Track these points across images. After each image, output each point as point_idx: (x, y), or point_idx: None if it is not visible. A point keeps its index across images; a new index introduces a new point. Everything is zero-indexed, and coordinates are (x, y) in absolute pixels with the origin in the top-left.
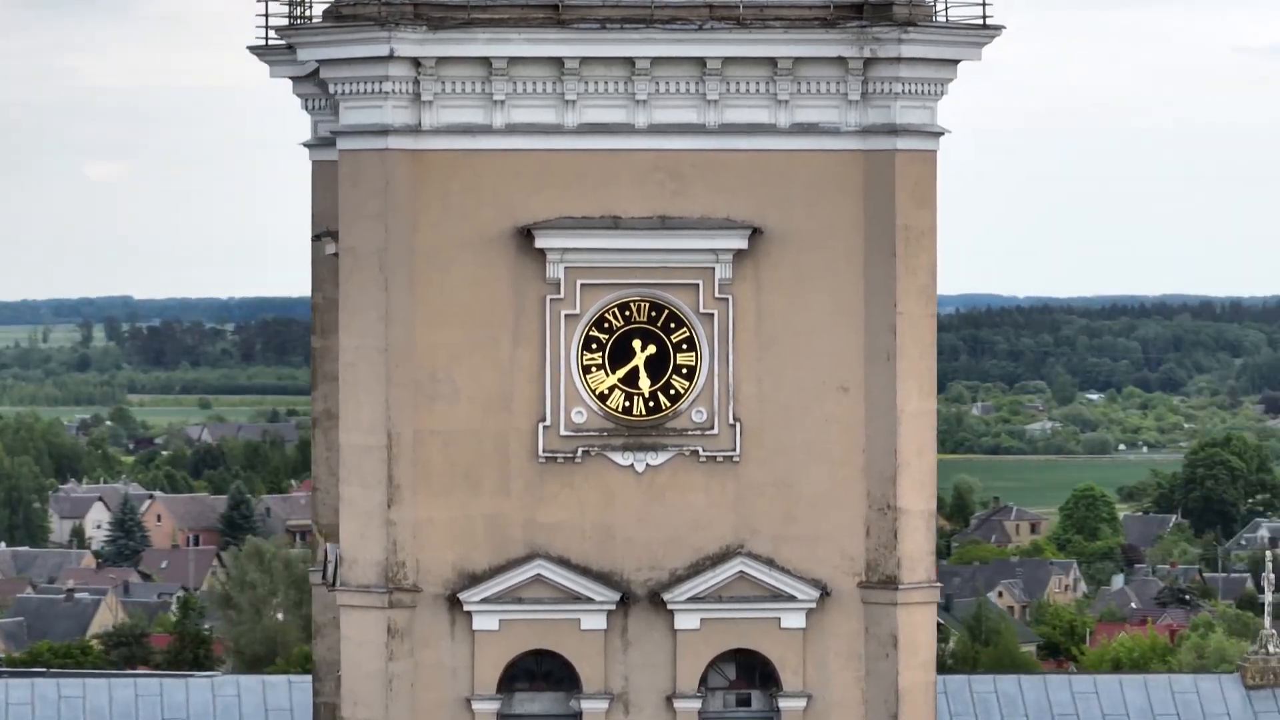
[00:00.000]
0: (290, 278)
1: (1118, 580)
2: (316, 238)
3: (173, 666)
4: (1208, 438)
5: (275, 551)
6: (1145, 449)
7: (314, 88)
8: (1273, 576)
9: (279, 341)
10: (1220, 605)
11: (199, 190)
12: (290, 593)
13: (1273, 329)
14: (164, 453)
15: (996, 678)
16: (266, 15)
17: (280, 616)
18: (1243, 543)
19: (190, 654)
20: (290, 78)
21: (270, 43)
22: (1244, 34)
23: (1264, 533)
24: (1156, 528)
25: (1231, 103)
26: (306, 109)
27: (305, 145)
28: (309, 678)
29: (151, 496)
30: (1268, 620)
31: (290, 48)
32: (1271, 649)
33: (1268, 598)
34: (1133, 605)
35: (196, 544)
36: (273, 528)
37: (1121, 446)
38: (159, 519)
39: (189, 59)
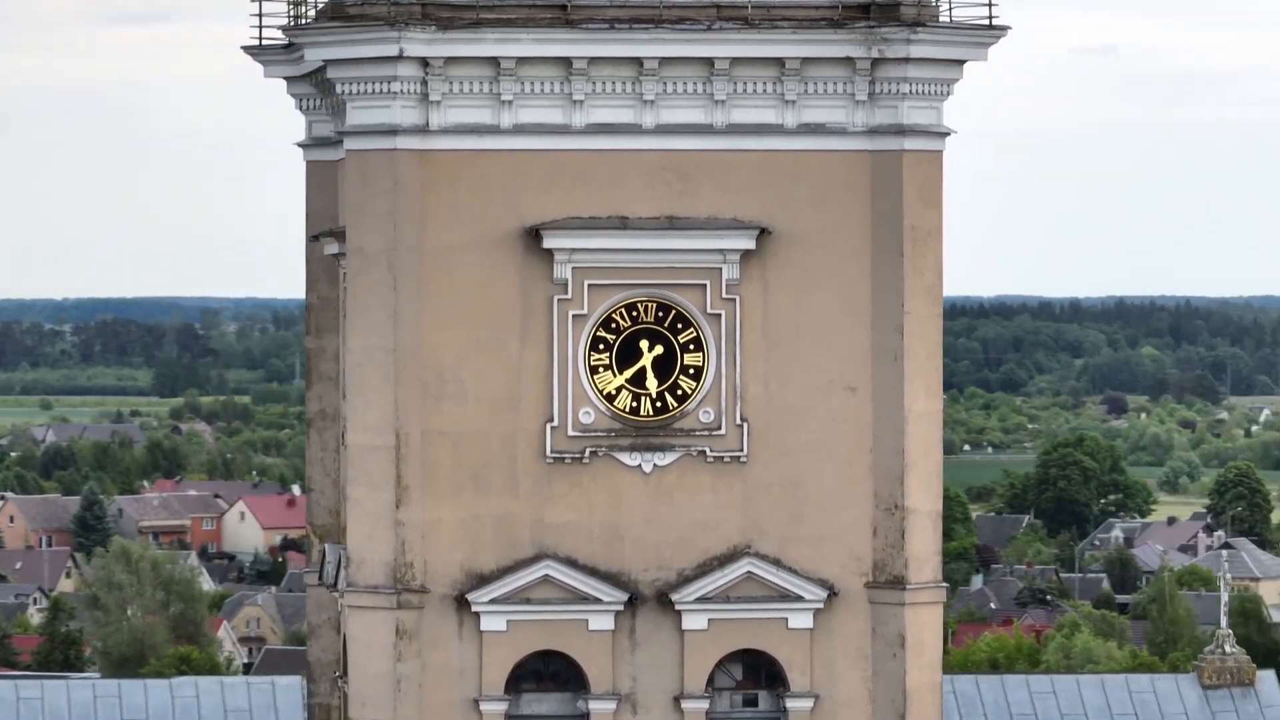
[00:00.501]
0: (124, 277)
1: (977, 580)
2: (314, 238)
3: (42, 667)
4: (1059, 438)
5: (143, 553)
6: (990, 449)
7: (310, 88)
8: (1229, 577)
9: (118, 343)
10: (1083, 607)
11: (30, 190)
12: (157, 594)
13: (1112, 329)
14: (11, 454)
15: (954, 678)
16: (261, 15)
17: (144, 617)
18: (1096, 543)
19: (60, 655)
20: (285, 78)
21: (264, 43)
22: (1082, 34)
23: (1118, 533)
24: (1010, 528)
25: (1067, 103)
26: (301, 109)
27: (300, 145)
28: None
29: (3, 498)
30: (1224, 620)
31: (290, 46)
32: (1228, 649)
33: (1223, 597)
34: (992, 606)
35: (50, 545)
36: (125, 528)
37: (966, 447)
38: (11, 520)
39: (20, 58)
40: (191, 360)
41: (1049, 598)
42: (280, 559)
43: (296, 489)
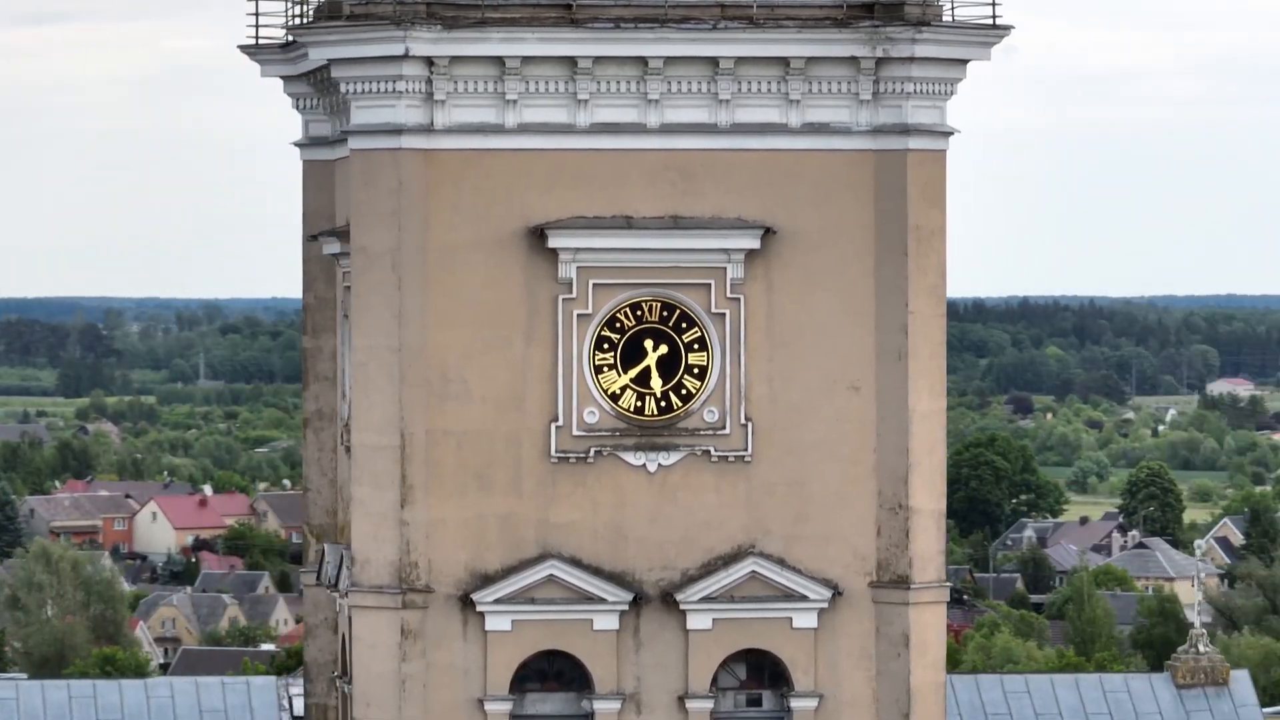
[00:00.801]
0: (27, 277)
1: None
2: (313, 237)
3: None
4: (969, 437)
5: (63, 553)
6: None
7: (307, 87)
8: (1202, 576)
9: (22, 342)
10: (1000, 607)
11: None
12: (77, 594)
13: (1016, 329)
14: None
15: None
16: (257, 14)
17: (64, 618)
18: (1009, 543)
19: None
20: (282, 77)
21: (260, 42)
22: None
23: (1030, 533)
24: None
25: (968, 104)
26: (298, 109)
27: (297, 145)
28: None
29: None
30: (1197, 620)
31: (289, 45)
32: (1201, 649)
33: (1197, 597)
34: None
35: None
36: (37, 529)
37: None
38: None
39: None
40: (96, 360)
41: (965, 597)
42: (193, 559)
43: (208, 489)
